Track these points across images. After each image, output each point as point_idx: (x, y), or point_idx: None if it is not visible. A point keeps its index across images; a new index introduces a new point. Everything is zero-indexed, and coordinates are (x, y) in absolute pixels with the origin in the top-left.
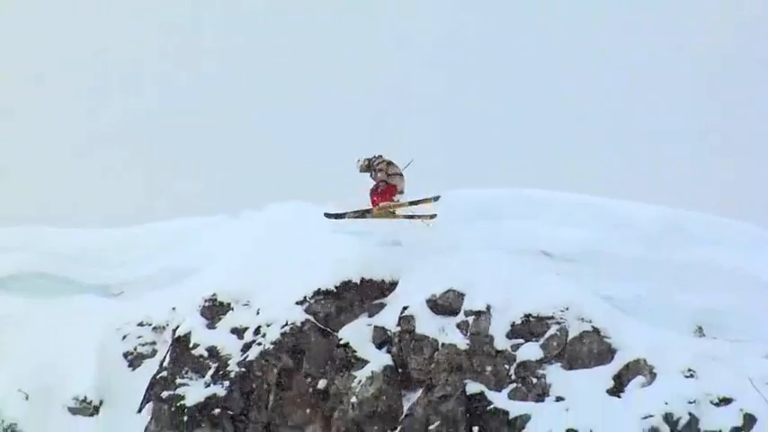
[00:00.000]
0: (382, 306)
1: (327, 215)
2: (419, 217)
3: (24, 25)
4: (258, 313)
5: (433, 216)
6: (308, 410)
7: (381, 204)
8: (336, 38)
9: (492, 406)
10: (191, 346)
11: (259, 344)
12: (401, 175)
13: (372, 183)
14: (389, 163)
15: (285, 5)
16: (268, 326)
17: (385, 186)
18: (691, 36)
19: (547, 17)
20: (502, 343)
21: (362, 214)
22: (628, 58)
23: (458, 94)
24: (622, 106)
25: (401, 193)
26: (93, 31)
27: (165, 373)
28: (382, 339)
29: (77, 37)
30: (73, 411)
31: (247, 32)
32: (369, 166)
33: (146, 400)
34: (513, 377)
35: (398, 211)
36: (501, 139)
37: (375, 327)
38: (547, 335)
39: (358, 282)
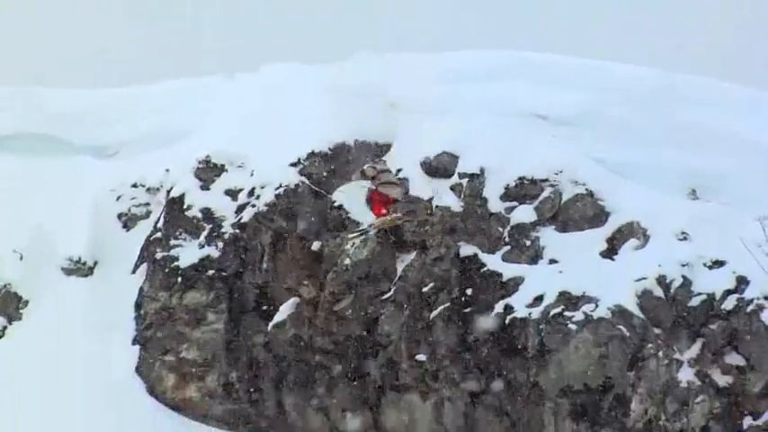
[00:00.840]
0: None
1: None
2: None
3: (24, 25)
4: (252, 175)
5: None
6: (302, 272)
7: (376, 223)
8: (336, 38)
9: (485, 268)
10: (185, 207)
11: (253, 206)
12: (396, 183)
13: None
14: (384, 170)
15: (285, 5)
16: (262, 188)
17: (379, 196)
18: (691, 36)
19: (547, 17)
20: (496, 205)
21: (364, 232)
22: (628, 58)
23: None
24: None
25: (397, 200)
26: (93, 31)
27: (159, 235)
28: None
29: (77, 37)
30: (67, 272)
31: (247, 32)
32: (365, 175)
33: (140, 260)
34: (506, 239)
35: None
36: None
37: (369, 189)
38: (541, 197)
39: (352, 144)
